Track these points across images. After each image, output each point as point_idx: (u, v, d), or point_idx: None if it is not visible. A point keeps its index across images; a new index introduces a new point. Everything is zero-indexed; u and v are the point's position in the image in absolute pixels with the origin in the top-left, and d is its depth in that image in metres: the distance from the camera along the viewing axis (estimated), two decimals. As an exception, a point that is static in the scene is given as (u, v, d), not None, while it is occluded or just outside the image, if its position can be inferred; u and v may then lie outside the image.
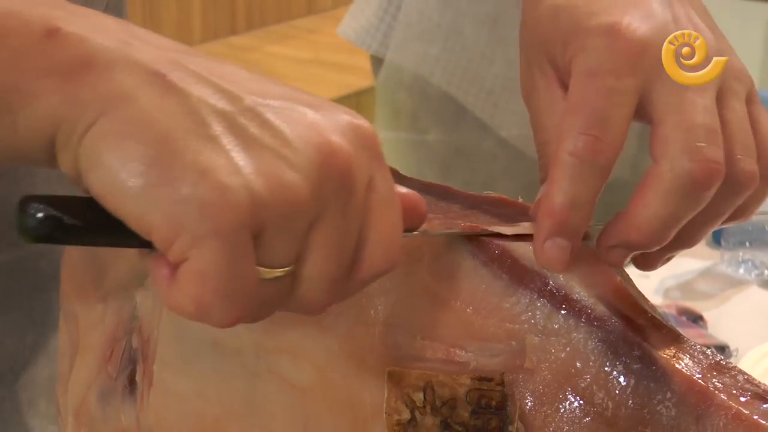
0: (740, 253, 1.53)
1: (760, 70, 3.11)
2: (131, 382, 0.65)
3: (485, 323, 0.54)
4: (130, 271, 0.65)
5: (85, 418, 0.67)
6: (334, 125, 0.47)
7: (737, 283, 1.49)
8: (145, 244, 0.46)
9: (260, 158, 0.45)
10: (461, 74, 1.62)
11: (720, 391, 0.51)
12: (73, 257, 0.68)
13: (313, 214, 0.46)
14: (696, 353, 0.53)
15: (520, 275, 0.54)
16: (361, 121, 0.49)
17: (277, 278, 0.47)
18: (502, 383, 0.53)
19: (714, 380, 0.52)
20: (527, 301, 0.54)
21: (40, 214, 0.45)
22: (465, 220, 0.56)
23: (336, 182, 0.47)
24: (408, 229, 0.51)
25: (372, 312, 0.56)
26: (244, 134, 0.46)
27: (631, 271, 0.58)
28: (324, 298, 0.49)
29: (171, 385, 0.63)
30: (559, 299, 0.53)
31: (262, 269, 0.46)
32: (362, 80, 2.98)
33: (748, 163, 0.56)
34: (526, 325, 0.53)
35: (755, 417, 0.50)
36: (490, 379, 0.53)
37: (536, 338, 0.53)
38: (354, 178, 0.47)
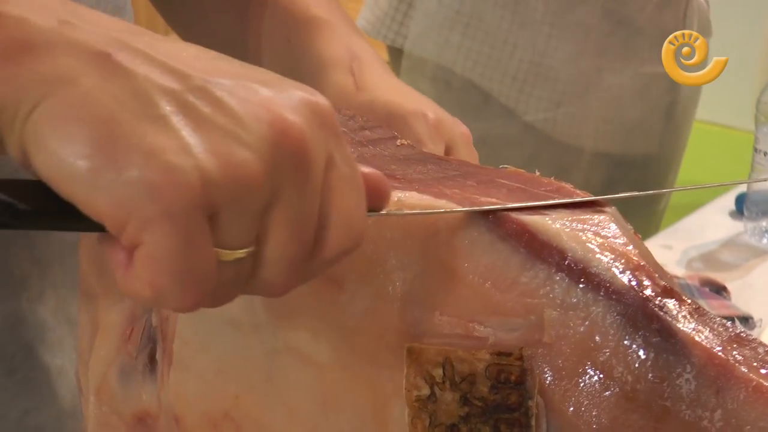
0: (763, 223, 1.52)
1: (766, 63, 3.10)
2: (151, 360, 0.65)
3: (503, 298, 0.54)
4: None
5: (106, 396, 0.68)
6: (288, 102, 0.46)
7: (761, 253, 1.49)
8: (99, 228, 0.44)
9: (210, 137, 0.44)
10: (484, 61, 1.62)
11: (740, 364, 0.51)
12: (92, 236, 0.68)
13: (269, 193, 0.45)
14: (716, 325, 0.52)
15: (538, 249, 0.54)
16: (318, 98, 0.47)
17: (237, 260, 0.46)
18: (521, 358, 0.53)
19: (734, 353, 0.51)
20: (545, 275, 0.53)
21: None
22: (481, 194, 0.56)
23: (291, 160, 0.45)
24: (372, 209, 0.50)
25: (390, 288, 0.56)
26: (193, 113, 0.44)
27: (654, 242, 0.58)
28: (286, 279, 0.47)
29: (190, 363, 0.63)
30: (578, 273, 0.53)
31: (221, 251, 0.45)
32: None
33: None
34: (544, 300, 0.53)
35: (776, 389, 0.50)
36: (509, 354, 0.53)
37: (555, 312, 0.53)
38: (310, 156, 0.46)
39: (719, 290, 1.36)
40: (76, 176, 0.43)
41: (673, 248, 1.46)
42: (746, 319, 1.29)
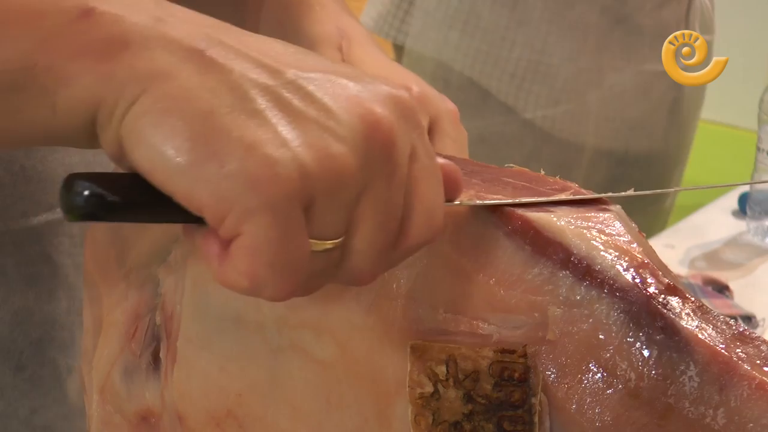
0: (766, 222, 1.52)
1: (757, 65, 3.10)
2: (155, 359, 0.65)
3: (507, 295, 0.54)
4: (153, 248, 0.65)
5: (110, 395, 0.68)
6: (376, 96, 0.47)
7: (763, 252, 1.49)
8: (190, 219, 0.46)
9: (306, 131, 0.45)
10: (483, 59, 1.62)
11: (743, 361, 0.51)
12: (96, 235, 0.69)
13: (361, 185, 0.46)
14: (719, 323, 0.52)
15: (542, 246, 0.54)
16: (401, 92, 0.49)
17: (327, 250, 0.47)
18: (524, 355, 0.53)
19: (737, 350, 0.51)
20: (549, 272, 0.53)
21: (86, 192, 0.45)
22: (486, 192, 0.56)
23: (381, 152, 0.47)
24: (447, 199, 0.52)
25: (394, 285, 0.56)
26: (288, 107, 0.46)
27: (657, 241, 0.58)
28: (372, 268, 0.49)
29: (194, 361, 0.63)
30: (582, 270, 0.53)
31: (313, 241, 0.46)
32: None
33: None
34: (548, 297, 0.53)
35: (780, 386, 0.50)
36: (512, 352, 0.53)
37: (559, 310, 0.53)
38: (398, 148, 0.47)
39: (722, 289, 1.36)
40: (177, 169, 0.44)
41: (675, 247, 1.46)
42: (749, 318, 1.29)
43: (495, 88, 1.61)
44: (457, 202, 0.53)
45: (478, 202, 0.55)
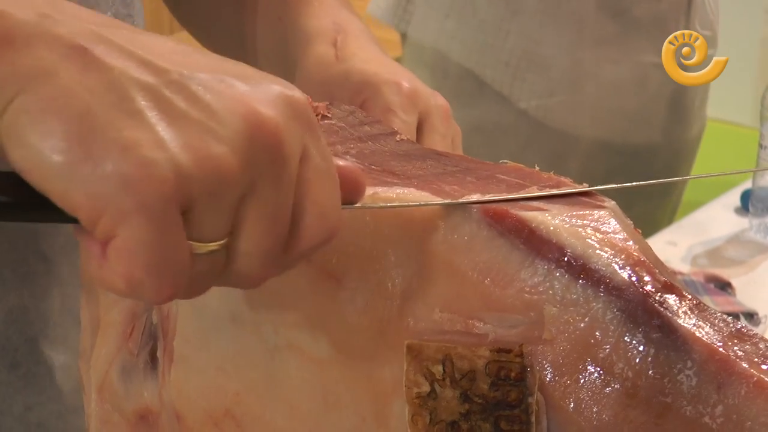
0: (768, 219, 1.52)
1: (759, 62, 3.10)
2: (152, 358, 0.65)
3: (503, 294, 0.54)
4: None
5: (108, 394, 0.68)
6: (263, 96, 0.46)
7: (766, 250, 1.48)
8: (73, 220, 0.45)
9: (186, 132, 0.44)
10: (479, 48, 1.62)
11: (741, 359, 0.51)
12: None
13: (243, 187, 0.46)
14: (717, 321, 0.52)
15: (537, 245, 0.54)
16: (294, 92, 0.48)
17: (210, 252, 0.46)
18: (521, 355, 0.53)
19: (735, 348, 0.51)
20: (545, 271, 0.53)
21: None
22: (481, 189, 0.56)
23: (266, 153, 0.46)
24: (348, 202, 0.51)
25: (389, 285, 0.56)
26: (168, 108, 0.45)
27: (659, 238, 0.58)
28: (260, 271, 0.48)
29: (191, 360, 0.63)
30: (577, 269, 0.53)
31: (194, 244, 0.45)
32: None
33: None
34: (544, 296, 0.53)
35: (777, 385, 0.50)
36: (508, 351, 0.53)
37: (554, 309, 0.53)
38: (285, 149, 0.46)
39: (724, 286, 1.36)
40: (52, 170, 0.43)
41: (678, 245, 1.45)
42: (751, 315, 1.29)
43: (490, 78, 1.62)
44: (358, 205, 0.52)
45: (381, 204, 0.54)
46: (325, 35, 0.80)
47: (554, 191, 0.57)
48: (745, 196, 1.59)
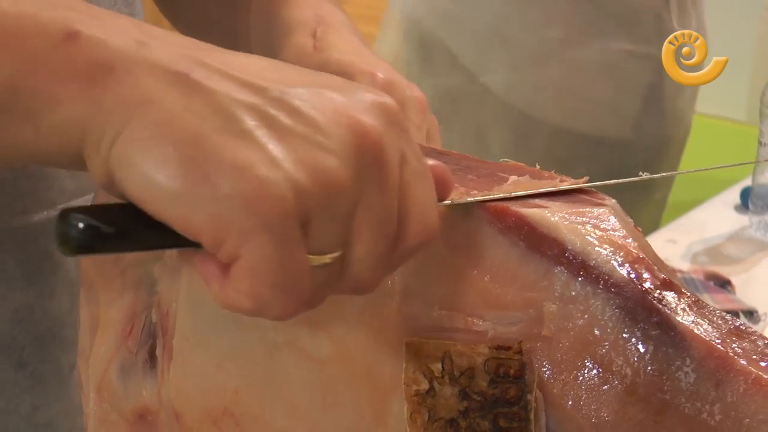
0: (768, 217, 1.52)
1: (753, 64, 3.10)
2: (151, 356, 0.65)
3: (503, 291, 0.54)
4: (149, 246, 0.64)
5: (107, 393, 0.68)
6: (361, 105, 0.47)
7: (766, 247, 1.48)
8: (188, 244, 0.46)
9: (296, 147, 0.45)
10: (449, 19, 1.64)
11: (740, 356, 0.51)
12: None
13: (355, 196, 0.46)
14: (715, 318, 0.52)
15: (537, 242, 0.54)
16: (386, 98, 0.49)
17: (327, 264, 0.47)
18: (520, 352, 0.53)
19: (733, 345, 0.51)
20: (544, 268, 0.53)
21: (80, 224, 0.45)
22: (482, 188, 0.56)
23: (372, 161, 0.47)
24: (440, 199, 0.52)
25: (389, 283, 0.56)
26: (275, 125, 0.45)
27: (658, 236, 0.58)
28: (374, 275, 0.49)
29: (191, 358, 0.63)
30: (576, 266, 0.53)
31: (312, 257, 0.46)
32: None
33: None
34: (543, 293, 0.53)
35: (776, 382, 0.50)
36: (508, 348, 0.53)
37: (554, 306, 0.53)
38: (388, 155, 0.47)
39: (724, 284, 1.35)
40: (171, 196, 0.44)
41: (677, 242, 1.45)
42: (751, 313, 1.29)
43: (459, 50, 1.62)
44: (448, 202, 0.53)
45: (469, 199, 0.55)
46: (305, 26, 0.80)
47: (552, 188, 0.57)
48: (745, 194, 1.59)
